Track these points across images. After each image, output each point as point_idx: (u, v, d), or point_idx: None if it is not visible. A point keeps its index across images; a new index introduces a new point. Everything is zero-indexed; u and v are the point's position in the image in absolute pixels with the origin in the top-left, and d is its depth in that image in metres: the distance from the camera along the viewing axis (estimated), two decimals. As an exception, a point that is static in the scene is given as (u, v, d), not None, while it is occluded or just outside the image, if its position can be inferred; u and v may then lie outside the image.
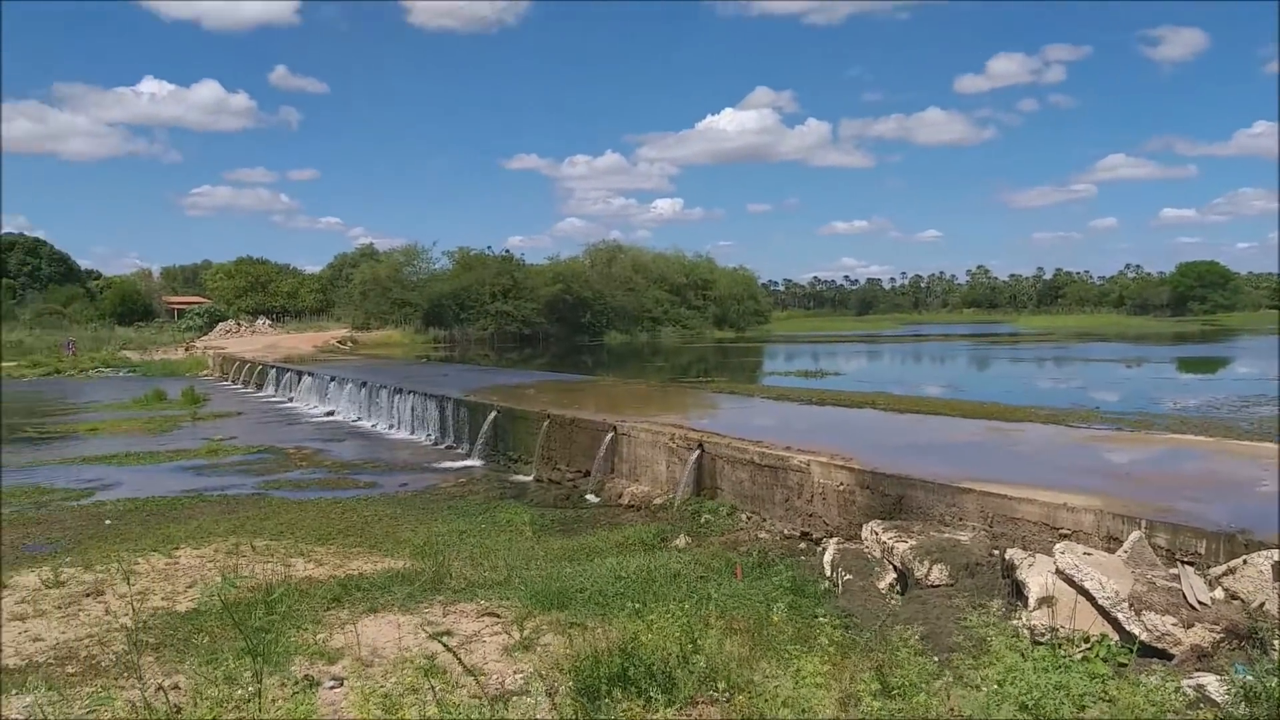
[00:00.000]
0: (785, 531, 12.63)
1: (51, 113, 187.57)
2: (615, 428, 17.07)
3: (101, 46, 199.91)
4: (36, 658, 8.52)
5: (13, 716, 3.97)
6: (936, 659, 5.76)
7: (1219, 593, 7.34)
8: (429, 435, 24.85)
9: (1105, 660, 6.45)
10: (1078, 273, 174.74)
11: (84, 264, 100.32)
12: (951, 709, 5.17)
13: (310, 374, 36.28)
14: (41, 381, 47.83)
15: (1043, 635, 7.44)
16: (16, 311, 76.91)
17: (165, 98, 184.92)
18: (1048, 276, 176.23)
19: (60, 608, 10.06)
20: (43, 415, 32.14)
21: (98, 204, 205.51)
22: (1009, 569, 8.63)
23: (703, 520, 13.52)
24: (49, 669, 8.08)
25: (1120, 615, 7.17)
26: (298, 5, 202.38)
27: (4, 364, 54.28)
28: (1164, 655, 6.72)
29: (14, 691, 7.28)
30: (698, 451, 14.74)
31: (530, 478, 18.92)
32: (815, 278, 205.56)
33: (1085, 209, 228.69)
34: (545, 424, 19.21)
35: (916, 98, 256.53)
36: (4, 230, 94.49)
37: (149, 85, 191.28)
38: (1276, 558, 7.15)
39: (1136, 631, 6.90)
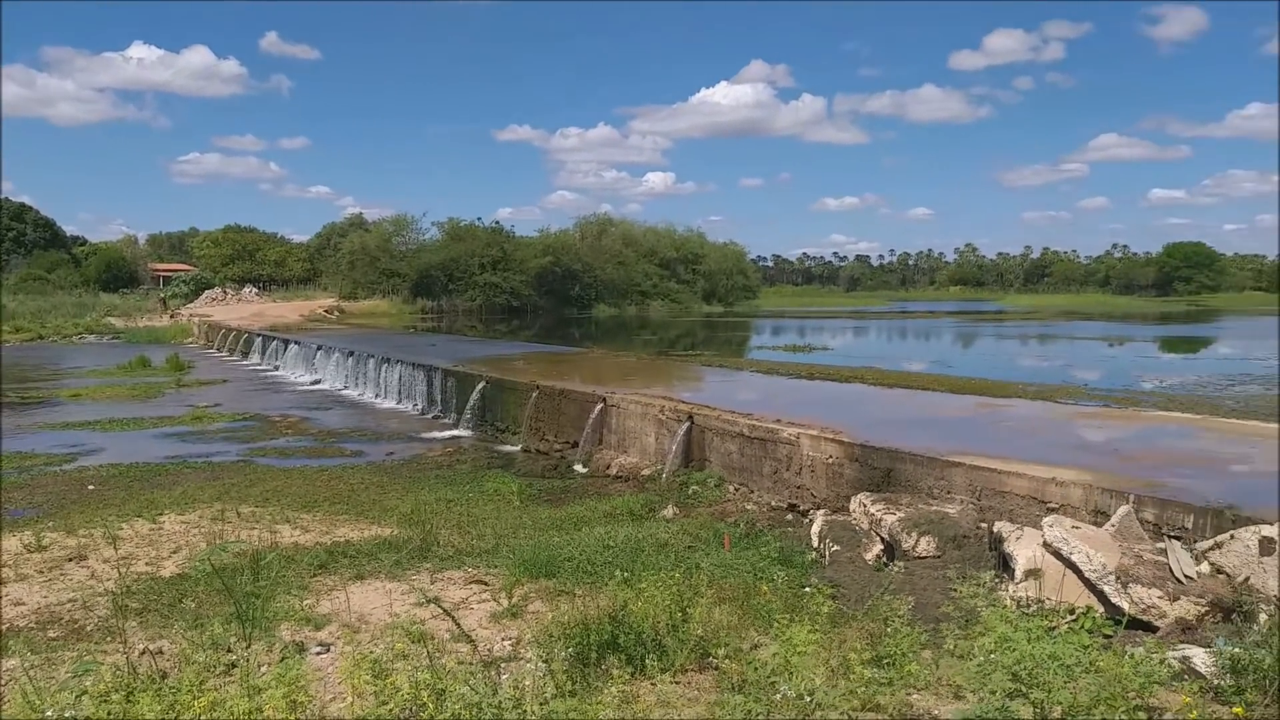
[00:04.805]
0: (773, 503, 12.66)
1: (39, 77, 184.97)
2: (604, 399, 17.03)
3: (89, 11, 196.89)
4: (18, 622, 8.45)
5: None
6: (925, 629, 5.77)
7: (1205, 567, 7.38)
8: (416, 405, 24.77)
9: (1090, 632, 6.46)
10: (1065, 252, 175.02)
11: (69, 230, 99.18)
12: (940, 678, 5.18)
13: (296, 342, 36.08)
14: (25, 347, 47.41)
15: (1029, 607, 7.47)
16: (-1, 278, 76.13)
17: (154, 63, 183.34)
18: (1035, 255, 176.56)
19: (42, 572, 9.98)
20: (24, 381, 31.86)
21: (84, 169, 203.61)
22: (996, 541, 8.66)
23: (691, 491, 13.53)
24: (30, 633, 8.02)
25: (1107, 588, 7.21)
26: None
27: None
28: (1149, 628, 6.75)
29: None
30: (687, 423, 14.72)
31: (518, 448, 18.89)
32: (805, 254, 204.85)
33: (1075, 188, 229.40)
34: (534, 395, 19.15)
35: (912, 73, 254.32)
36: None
37: (138, 50, 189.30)
38: (1263, 533, 7.18)
39: (1122, 604, 6.93)
